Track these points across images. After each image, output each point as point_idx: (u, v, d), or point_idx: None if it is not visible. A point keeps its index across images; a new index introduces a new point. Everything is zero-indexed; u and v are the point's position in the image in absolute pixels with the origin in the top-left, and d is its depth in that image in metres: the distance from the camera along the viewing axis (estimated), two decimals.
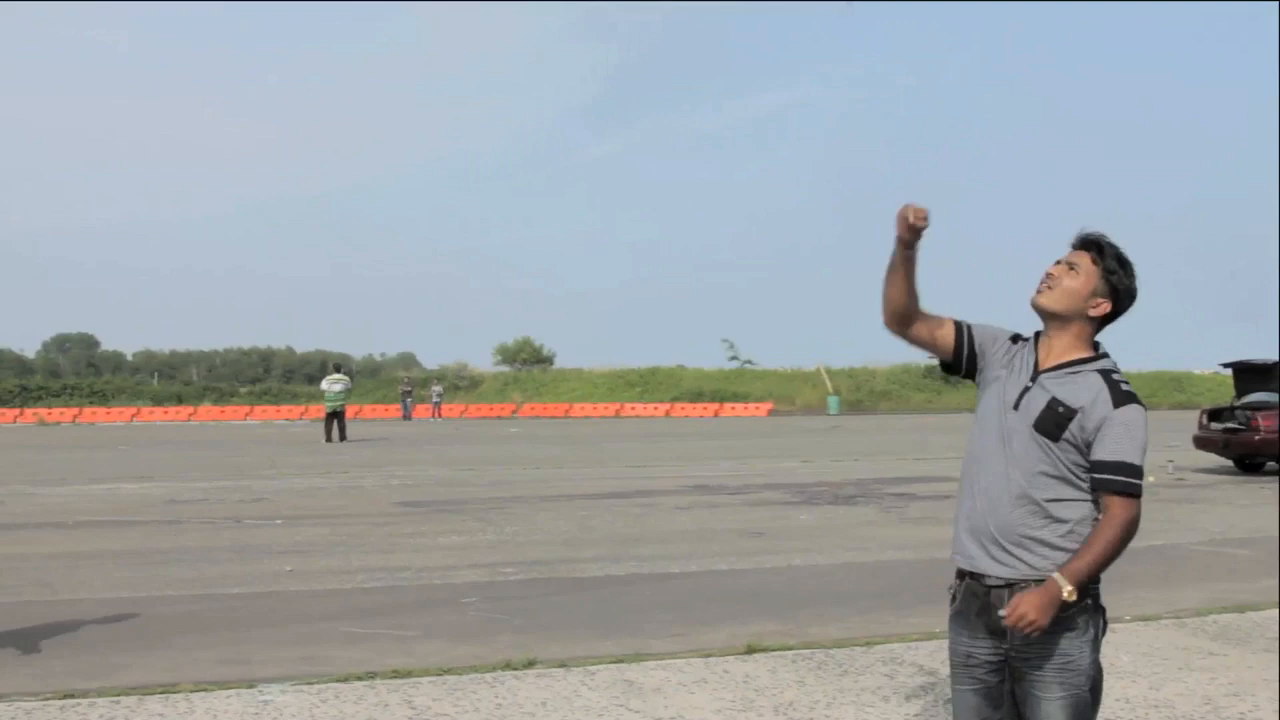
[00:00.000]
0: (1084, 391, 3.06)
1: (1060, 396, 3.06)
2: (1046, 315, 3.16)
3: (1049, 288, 3.13)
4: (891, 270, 3.20)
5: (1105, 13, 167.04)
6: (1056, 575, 2.97)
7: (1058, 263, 3.16)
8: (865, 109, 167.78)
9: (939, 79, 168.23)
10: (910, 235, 3.11)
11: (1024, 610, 2.95)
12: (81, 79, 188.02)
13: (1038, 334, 3.22)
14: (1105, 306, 3.14)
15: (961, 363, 3.27)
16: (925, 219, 3.09)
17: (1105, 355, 3.16)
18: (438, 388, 55.32)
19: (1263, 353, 20.86)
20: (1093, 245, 3.14)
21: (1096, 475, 3.03)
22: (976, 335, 3.26)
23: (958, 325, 3.27)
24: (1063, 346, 3.14)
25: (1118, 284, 3.13)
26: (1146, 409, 3.10)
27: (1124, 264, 3.14)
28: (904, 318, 3.24)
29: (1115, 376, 3.10)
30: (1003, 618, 3.01)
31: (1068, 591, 2.95)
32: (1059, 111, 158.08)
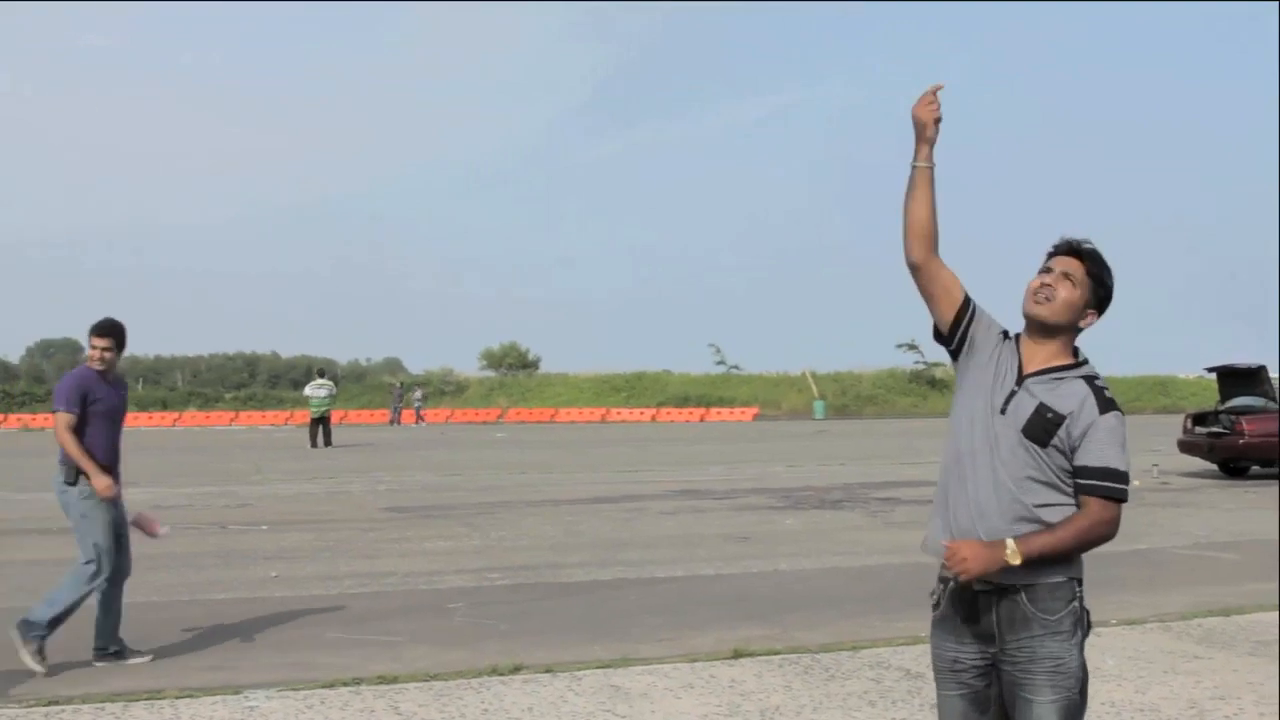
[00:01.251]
0: (1070, 398, 3.06)
1: (1048, 402, 3.06)
2: (1042, 326, 3.14)
3: (1047, 299, 3.11)
4: (910, 189, 3.24)
5: (1105, 13, 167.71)
6: (1009, 539, 2.99)
7: (1048, 271, 3.14)
8: (864, 109, 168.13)
9: (938, 79, 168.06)
10: (926, 127, 3.21)
11: (963, 551, 2.97)
12: (75, 82, 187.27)
13: (1018, 335, 3.22)
14: (1093, 319, 3.16)
15: (955, 338, 3.25)
16: (935, 106, 3.21)
17: (1086, 361, 3.17)
18: (419, 393, 55.31)
19: (1265, 355, 20.97)
20: (1086, 255, 3.14)
21: (1082, 480, 3.03)
22: (977, 320, 3.24)
23: (967, 300, 3.25)
24: (1048, 353, 3.14)
25: (1104, 294, 3.16)
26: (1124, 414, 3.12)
27: (1109, 271, 3.16)
28: (926, 241, 3.22)
29: (1098, 383, 3.10)
30: (955, 575, 3.01)
31: (1010, 552, 2.96)
32: (1059, 111, 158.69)
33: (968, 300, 3.24)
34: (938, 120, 3.22)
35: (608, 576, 10.01)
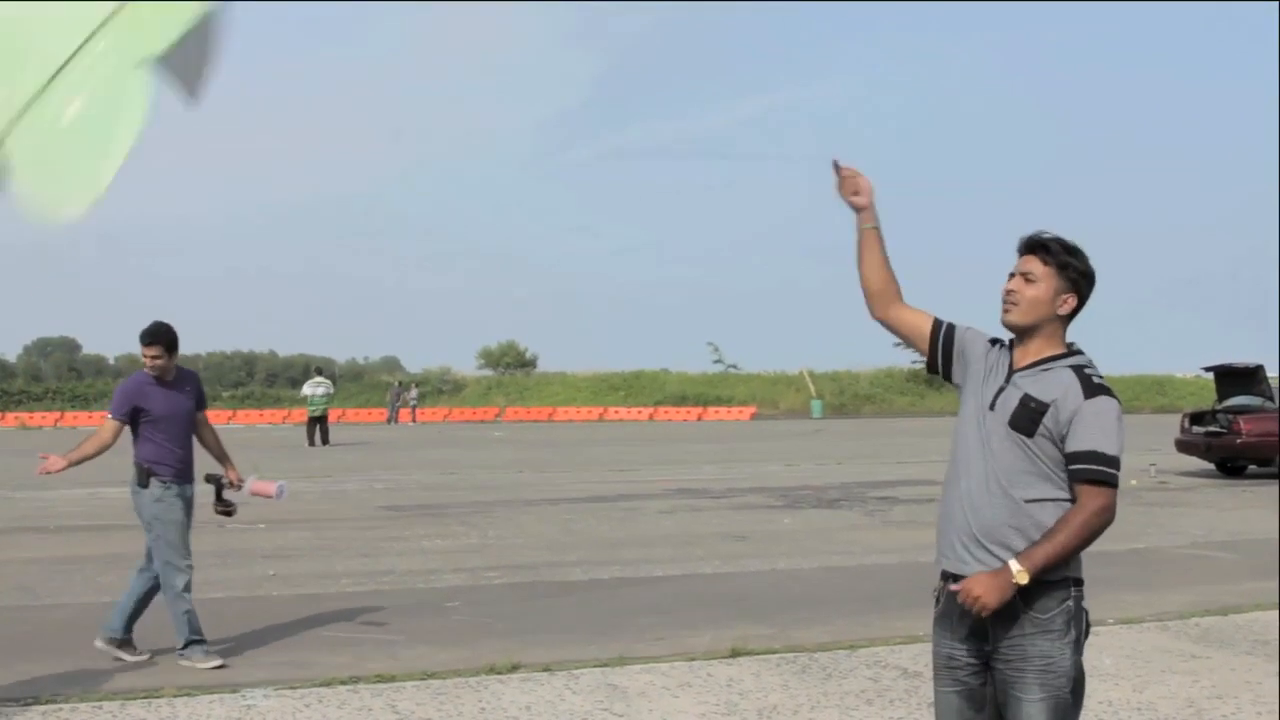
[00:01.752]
0: (1055, 386, 3.09)
1: (1032, 392, 3.09)
2: (1018, 330, 3.20)
3: (1013, 304, 3.18)
4: (860, 252, 3.41)
5: (1105, 13, 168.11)
6: (1011, 560, 3.00)
7: (1011, 276, 3.20)
8: (864, 109, 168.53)
9: (939, 79, 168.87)
10: (855, 205, 3.43)
11: (974, 589, 3.00)
12: None
13: (1011, 341, 3.26)
14: (1071, 301, 3.18)
15: (937, 361, 3.33)
16: (856, 189, 3.42)
17: (1079, 352, 3.20)
18: (414, 391, 55.32)
19: (1264, 355, 21.01)
20: (1038, 247, 3.19)
21: (1070, 466, 3.05)
22: (956, 337, 3.31)
23: (935, 323, 3.34)
24: (1036, 347, 3.19)
25: (1074, 275, 3.18)
26: (1120, 401, 3.12)
27: (1073, 252, 3.19)
28: (884, 298, 3.37)
29: (1087, 370, 3.12)
30: (965, 602, 3.03)
31: (1017, 572, 2.98)
32: (1059, 111, 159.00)
33: (937, 324, 3.34)
34: (857, 193, 3.42)
35: (605, 575, 10.00)
